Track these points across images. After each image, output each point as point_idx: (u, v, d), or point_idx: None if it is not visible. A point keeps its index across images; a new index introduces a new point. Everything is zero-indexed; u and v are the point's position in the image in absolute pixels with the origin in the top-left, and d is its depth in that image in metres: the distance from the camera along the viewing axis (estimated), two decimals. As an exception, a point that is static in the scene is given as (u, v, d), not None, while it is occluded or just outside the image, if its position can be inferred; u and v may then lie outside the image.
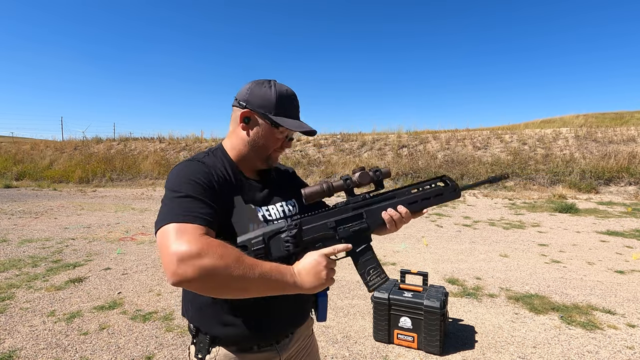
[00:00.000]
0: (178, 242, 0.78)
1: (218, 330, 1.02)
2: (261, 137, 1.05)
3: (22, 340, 2.84)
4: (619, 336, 2.94)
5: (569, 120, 19.70)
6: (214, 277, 0.77)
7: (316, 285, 0.91)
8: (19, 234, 6.46)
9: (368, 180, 1.02)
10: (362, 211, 1.02)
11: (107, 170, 16.17)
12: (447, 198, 1.07)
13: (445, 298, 2.79)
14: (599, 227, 7.00)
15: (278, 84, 1.06)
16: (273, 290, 0.87)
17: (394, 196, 1.05)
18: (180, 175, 0.93)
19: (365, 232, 1.03)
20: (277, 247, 0.95)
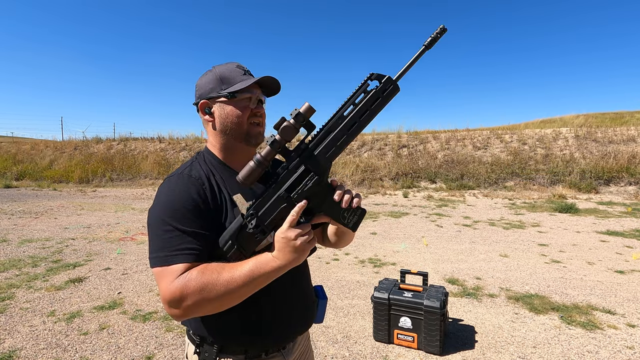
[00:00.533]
0: (163, 287, 0.85)
1: (226, 339, 1.00)
2: (227, 116, 1.01)
3: (22, 340, 2.84)
4: (619, 336, 2.94)
5: (569, 120, 19.69)
6: (202, 308, 0.85)
7: (297, 257, 0.87)
8: (19, 234, 6.47)
9: (291, 132, 0.85)
10: (308, 165, 0.90)
11: (107, 170, 16.17)
12: (386, 97, 0.88)
13: (445, 298, 2.79)
14: (599, 227, 7.00)
15: (218, 65, 1.05)
16: (260, 284, 0.87)
17: (330, 130, 0.89)
18: (166, 201, 0.92)
19: (320, 184, 0.90)
20: (251, 242, 0.91)
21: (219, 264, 0.88)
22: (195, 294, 0.82)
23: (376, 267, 4.75)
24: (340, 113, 0.89)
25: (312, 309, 1.16)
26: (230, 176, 1.03)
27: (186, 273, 0.85)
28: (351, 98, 0.88)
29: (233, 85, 1.00)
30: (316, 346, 2.83)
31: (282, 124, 0.86)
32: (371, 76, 0.87)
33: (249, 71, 1.05)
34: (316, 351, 2.76)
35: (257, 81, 1.01)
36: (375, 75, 0.87)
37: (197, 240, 0.89)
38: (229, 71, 1.02)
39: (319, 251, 5.19)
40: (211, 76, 1.03)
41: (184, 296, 0.83)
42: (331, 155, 0.89)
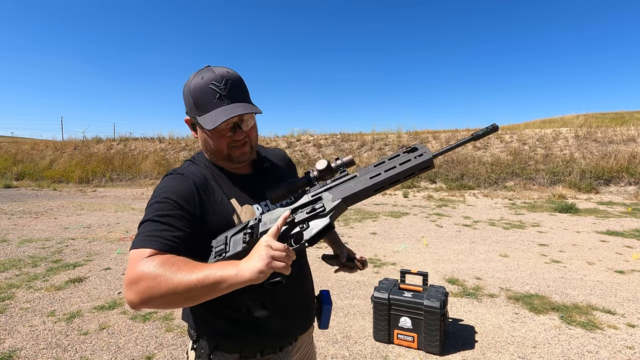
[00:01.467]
0: (128, 268, 0.83)
1: (220, 337, 1.00)
2: (206, 140, 0.99)
3: (22, 340, 2.84)
4: (619, 336, 2.94)
5: (569, 120, 19.69)
6: (152, 298, 0.79)
7: (257, 269, 0.77)
8: (19, 234, 6.47)
9: (327, 167, 0.94)
10: (321, 195, 0.93)
11: (107, 170, 16.16)
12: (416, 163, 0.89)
13: (445, 298, 2.79)
14: (599, 227, 7.00)
15: (195, 77, 0.96)
16: (217, 290, 0.80)
17: (355, 175, 0.94)
18: (155, 195, 0.94)
19: (322, 214, 0.90)
20: (237, 243, 0.92)
21: (185, 260, 0.83)
22: (148, 280, 0.79)
23: (376, 267, 4.75)
24: (371, 165, 0.94)
25: (312, 312, 1.15)
26: (227, 180, 1.03)
27: (149, 258, 0.82)
28: (392, 158, 0.93)
29: (206, 112, 0.94)
30: (316, 346, 2.83)
31: (324, 166, 0.94)
32: (413, 145, 0.93)
33: (225, 88, 0.94)
34: (316, 351, 2.76)
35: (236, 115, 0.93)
36: (416, 145, 0.93)
37: (171, 232, 0.87)
38: (202, 92, 0.94)
39: (318, 251, 5.19)
40: (187, 94, 0.97)
41: (139, 279, 0.79)
42: (345, 194, 0.91)
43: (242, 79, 1.01)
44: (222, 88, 0.94)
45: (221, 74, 0.95)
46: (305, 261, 1.18)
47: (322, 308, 1.17)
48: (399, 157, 0.92)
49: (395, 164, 0.91)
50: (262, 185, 1.07)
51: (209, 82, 0.94)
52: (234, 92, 0.96)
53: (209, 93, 0.93)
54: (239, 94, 0.97)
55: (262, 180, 1.09)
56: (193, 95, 0.95)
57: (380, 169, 0.92)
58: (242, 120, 0.98)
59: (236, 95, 0.96)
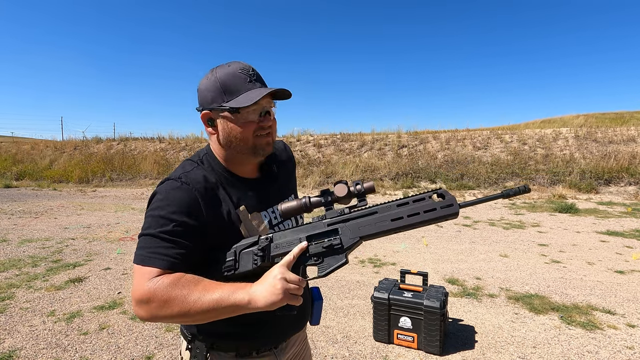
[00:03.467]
0: (136, 285, 0.85)
1: (216, 337, 1.00)
2: (231, 130, 0.94)
3: (22, 340, 2.84)
4: (619, 336, 2.94)
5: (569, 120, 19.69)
6: (163, 318, 0.84)
7: (270, 301, 0.81)
8: (19, 234, 6.46)
9: (346, 193, 0.91)
10: (338, 227, 0.92)
11: (107, 170, 16.16)
12: (442, 213, 0.89)
13: (445, 298, 2.79)
14: (599, 227, 7.00)
15: (219, 68, 0.95)
16: (228, 313, 0.84)
17: (375, 212, 0.92)
18: (158, 205, 0.90)
19: (338, 250, 0.91)
20: (247, 261, 0.91)
21: (194, 279, 0.85)
22: (160, 303, 0.82)
23: (376, 267, 4.75)
24: (393, 203, 0.92)
25: (307, 310, 1.14)
26: (236, 184, 1.00)
27: (158, 278, 0.83)
28: (410, 197, 0.92)
29: (237, 96, 0.91)
30: (316, 346, 2.83)
31: (340, 184, 0.91)
32: (438, 190, 0.90)
33: (254, 74, 0.95)
34: (316, 351, 2.76)
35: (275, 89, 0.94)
36: (442, 191, 0.90)
37: (176, 249, 0.87)
38: (232, 77, 0.92)
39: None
40: (212, 83, 0.94)
41: (150, 300, 0.82)
42: (364, 232, 0.91)
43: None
44: (252, 74, 0.94)
45: (247, 65, 0.96)
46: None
47: (314, 304, 1.16)
48: (424, 201, 0.90)
49: (419, 209, 0.89)
50: (271, 189, 1.06)
51: (238, 69, 0.94)
52: (260, 79, 0.97)
53: (240, 77, 0.93)
54: (262, 80, 0.98)
55: (271, 183, 1.08)
56: (221, 82, 0.92)
57: (403, 212, 0.90)
58: (272, 106, 0.98)
59: (263, 81, 0.97)
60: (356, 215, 0.93)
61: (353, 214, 0.93)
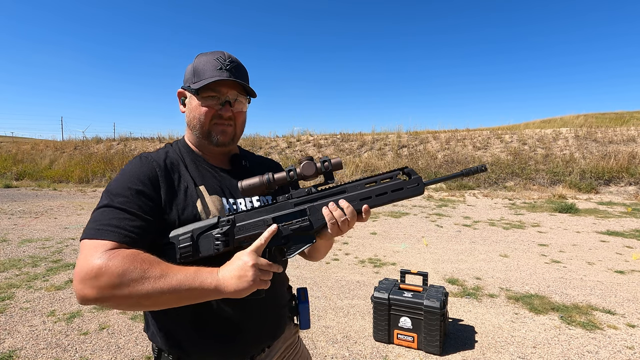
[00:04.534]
0: (81, 260, 0.75)
1: (183, 350, 0.93)
2: (191, 111, 0.97)
3: (22, 340, 2.84)
4: (619, 336, 2.94)
5: (569, 120, 19.69)
6: (113, 298, 0.73)
7: (241, 288, 0.77)
8: (19, 234, 6.46)
9: (314, 171, 0.88)
10: (306, 207, 0.89)
11: (107, 170, 16.16)
12: (408, 193, 0.90)
13: (445, 298, 2.79)
14: (599, 227, 7.00)
15: (202, 54, 0.98)
16: (192, 298, 0.78)
17: (344, 190, 0.90)
18: (118, 178, 0.87)
19: (308, 231, 0.89)
20: (207, 245, 0.85)
21: (153, 258, 0.77)
22: (112, 277, 0.71)
23: (376, 267, 4.75)
24: (361, 182, 0.91)
25: (282, 319, 1.08)
26: (199, 166, 0.99)
27: (111, 251, 0.75)
28: (377, 175, 0.92)
29: (202, 79, 0.93)
30: (316, 346, 2.83)
31: (307, 162, 0.89)
32: (404, 169, 0.91)
33: (229, 64, 0.94)
34: (316, 351, 2.76)
35: (231, 80, 0.93)
36: (409, 170, 0.91)
37: (133, 222, 0.80)
38: (205, 63, 0.94)
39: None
40: (190, 65, 0.98)
41: (99, 274, 0.72)
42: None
43: (247, 71, 1.02)
44: (226, 64, 0.94)
45: (230, 55, 0.97)
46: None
47: (299, 307, 1.10)
48: (391, 180, 0.91)
49: (387, 189, 0.90)
50: (237, 182, 0.97)
51: (215, 57, 0.95)
52: (236, 71, 0.96)
53: (212, 64, 0.94)
54: (240, 73, 0.97)
55: (238, 176, 1.01)
56: (195, 65, 0.95)
57: (371, 192, 0.90)
58: (235, 100, 0.97)
59: (237, 73, 0.96)
60: (324, 195, 0.91)
61: (321, 194, 0.91)
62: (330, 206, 0.87)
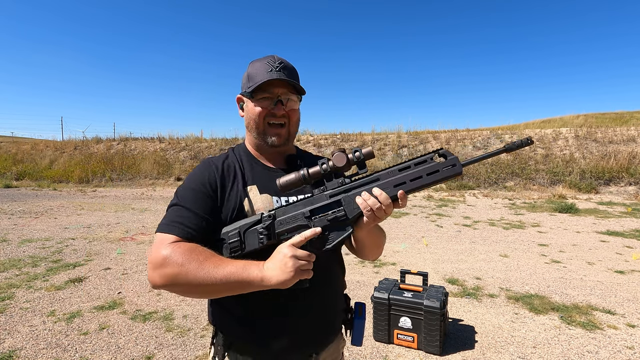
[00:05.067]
0: (153, 250, 0.89)
1: (234, 336, 1.00)
2: (247, 113, 1.04)
3: (22, 340, 2.84)
4: (619, 336, 2.94)
5: (569, 120, 19.70)
6: (176, 284, 0.86)
7: (284, 280, 0.83)
8: (19, 234, 6.46)
9: (345, 162, 0.90)
10: (340, 198, 0.91)
11: (107, 170, 16.16)
12: (445, 174, 0.87)
13: (445, 298, 2.79)
14: (599, 227, 7.00)
15: (255, 60, 1.05)
16: (240, 288, 0.86)
17: (377, 178, 0.90)
18: (185, 180, 1.01)
19: (344, 221, 0.91)
20: (253, 240, 0.92)
21: (209, 252, 0.88)
22: (174, 267, 0.84)
23: (376, 267, 4.75)
24: (394, 169, 0.90)
25: (331, 327, 1.09)
26: (254, 167, 1.06)
27: (174, 244, 0.87)
28: (411, 160, 0.90)
29: (255, 83, 1.00)
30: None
31: (338, 153, 0.90)
32: (439, 150, 0.88)
33: (279, 66, 1.00)
34: None
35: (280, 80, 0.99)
36: (444, 151, 0.87)
37: (194, 220, 0.92)
38: (258, 68, 1.01)
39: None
40: (245, 72, 1.05)
41: (165, 264, 0.85)
42: None
43: (297, 71, 1.07)
44: (276, 66, 1.00)
45: (279, 58, 1.03)
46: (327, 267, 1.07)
47: (354, 322, 1.11)
48: (426, 163, 0.88)
49: (422, 172, 0.87)
50: None
51: (266, 60, 1.02)
52: (286, 71, 1.01)
53: (263, 67, 1.00)
54: (289, 73, 1.02)
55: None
56: (249, 71, 1.03)
57: (405, 177, 0.88)
58: (287, 98, 1.02)
59: (287, 73, 1.01)
60: (358, 184, 0.91)
61: (354, 183, 0.92)
62: (364, 195, 0.88)
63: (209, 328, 3.08)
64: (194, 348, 2.78)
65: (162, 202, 10.74)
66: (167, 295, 3.79)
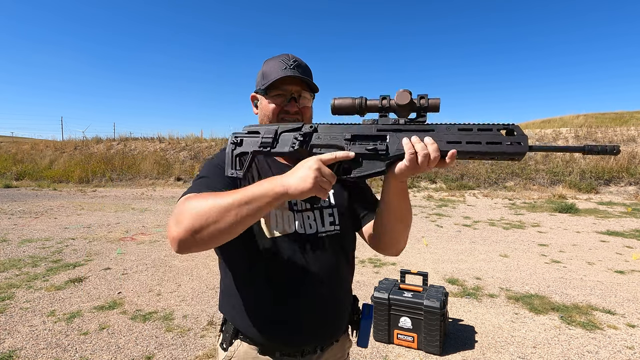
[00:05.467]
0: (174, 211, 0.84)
1: (241, 324, 1.02)
2: (262, 110, 1.05)
3: (22, 340, 2.84)
4: (619, 336, 2.94)
5: (569, 120, 19.69)
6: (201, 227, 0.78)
7: (301, 189, 0.78)
8: (19, 234, 6.46)
9: (408, 101, 0.81)
10: (387, 134, 0.84)
11: (107, 170, 16.16)
12: (506, 150, 0.77)
13: (445, 298, 2.79)
14: (599, 227, 7.00)
15: (269, 58, 1.06)
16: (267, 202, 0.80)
17: (433, 129, 0.81)
18: (203, 166, 1.04)
19: (382, 156, 0.83)
20: (286, 141, 0.89)
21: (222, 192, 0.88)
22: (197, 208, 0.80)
23: (376, 267, 4.75)
24: (455, 126, 0.81)
25: (337, 323, 1.09)
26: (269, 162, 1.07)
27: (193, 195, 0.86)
28: (476, 124, 0.81)
29: (269, 80, 1.01)
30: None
31: (403, 91, 0.82)
32: (510, 124, 0.79)
33: (293, 64, 1.01)
34: None
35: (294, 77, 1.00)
36: (514, 126, 0.79)
37: (218, 186, 0.94)
38: (272, 66, 1.02)
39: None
40: (260, 70, 1.07)
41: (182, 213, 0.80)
42: None
43: (311, 69, 1.08)
44: (290, 64, 1.02)
45: (293, 56, 1.04)
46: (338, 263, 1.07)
47: (361, 322, 1.10)
48: (490, 132, 0.79)
49: (482, 139, 0.78)
50: None
51: (281, 58, 1.03)
52: (300, 69, 1.03)
53: (277, 65, 1.02)
54: (304, 71, 1.03)
55: None
56: (263, 69, 1.05)
57: (463, 137, 0.79)
58: (300, 95, 1.03)
59: (301, 71, 1.02)
60: (410, 129, 0.83)
61: (407, 126, 0.83)
62: (413, 138, 0.80)
63: (209, 328, 3.08)
64: (194, 348, 2.78)
65: (162, 202, 10.74)
66: (167, 295, 3.79)
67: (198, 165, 15.56)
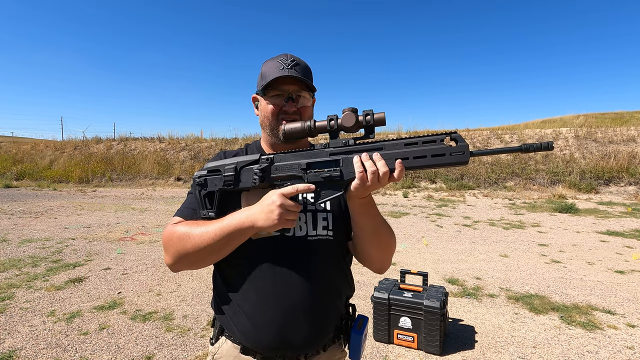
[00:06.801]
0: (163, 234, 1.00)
1: (225, 322, 1.05)
2: (261, 111, 1.06)
3: (22, 340, 2.84)
4: (619, 336, 2.94)
5: (569, 120, 19.69)
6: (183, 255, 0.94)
7: (267, 225, 0.85)
8: (19, 234, 6.46)
9: (354, 122, 0.86)
10: (340, 158, 0.88)
11: (107, 170, 16.17)
12: (450, 160, 0.81)
13: (445, 298, 2.79)
14: (599, 227, 7.00)
15: (268, 59, 1.06)
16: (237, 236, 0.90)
17: (381, 147, 0.86)
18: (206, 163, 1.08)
19: (337, 182, 0.88)
20: (247, 178, 0.94)
21: (200, 221, 0.97)
22: (174, 240, 0.94)
23: (376, 267, 4.75)
24: (401, 142, 0.85)
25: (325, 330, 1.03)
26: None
27: (176, 224, 0.98)
28: (421, 137, 0.85)
29: (267, 81, 1.01)
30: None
31: (349, 112, 0.87)
32: (452, 133, 0.83)
33: (291, 64, 1.01)
34: None
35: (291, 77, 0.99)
36: (457, 135, 0.82)
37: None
38: (270, 66, 1.02)
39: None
40: (260, 71, 1.07)
41: (168, 241, 0.96)
42: None
43: (310, 69, 1.07)
44: (288, 63, 1.01)
45: (292, 56, 1.04)
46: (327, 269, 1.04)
47: (350, 335, 1.06)
48: (434, 144, 0.83)
49: (427, 152, 0.83)
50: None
51: (279, 59, 1.03)
52: (298, 69, 1.01)
53: (275, 66, 1.01)
54: (302, 70, 1.02)
55: None
56: (262, 69, 1.05)
57: (409, 153, 0.84)
58: (299, 95, 1.03)
59: (299, 71, 1.01)
60: (360, 149, 0.87)
61: (357, 147, 0.88)
62: (363, 156, 0.84)
63: (209, 328, 3.08)
64: (194, 348, 2.78)
65: (162, 202, 10.74)
66: (168, 295, 3.79)
67: (198, 165, 15.57)
